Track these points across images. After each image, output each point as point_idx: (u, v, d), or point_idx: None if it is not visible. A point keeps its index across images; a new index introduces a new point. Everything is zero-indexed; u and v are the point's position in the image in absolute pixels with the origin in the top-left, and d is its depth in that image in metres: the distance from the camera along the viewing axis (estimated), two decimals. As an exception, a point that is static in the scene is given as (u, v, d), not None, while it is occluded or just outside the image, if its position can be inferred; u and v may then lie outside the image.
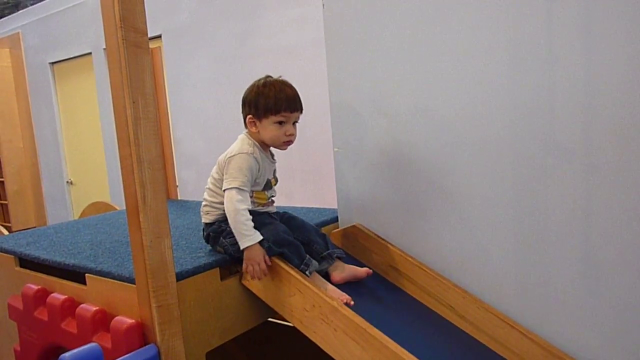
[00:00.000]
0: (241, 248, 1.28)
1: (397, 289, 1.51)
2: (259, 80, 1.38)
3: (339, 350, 1.20)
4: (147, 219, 1.13)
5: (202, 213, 1.43)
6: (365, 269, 1.42)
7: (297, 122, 1.38)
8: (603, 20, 1.18)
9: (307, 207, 1.88)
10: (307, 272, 1.29)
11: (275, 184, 1.44)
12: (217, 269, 1.32)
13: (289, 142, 1.38)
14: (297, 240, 1.36)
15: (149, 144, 1.13)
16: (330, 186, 1.74)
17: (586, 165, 1.24)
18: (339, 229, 1.63)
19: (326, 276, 1.39)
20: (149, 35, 1.11)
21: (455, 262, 1.46)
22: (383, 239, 1.56)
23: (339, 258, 1.42)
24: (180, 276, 1.23)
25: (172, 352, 1.20)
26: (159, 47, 2.19)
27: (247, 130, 1.40)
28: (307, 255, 1.32)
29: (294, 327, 1.32)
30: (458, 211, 1.44)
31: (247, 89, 1.39)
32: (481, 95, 1.36)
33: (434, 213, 1.48)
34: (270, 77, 1.38)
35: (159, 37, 3.43)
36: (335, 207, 1.71)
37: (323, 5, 1.61)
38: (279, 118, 1.33)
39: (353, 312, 1.19)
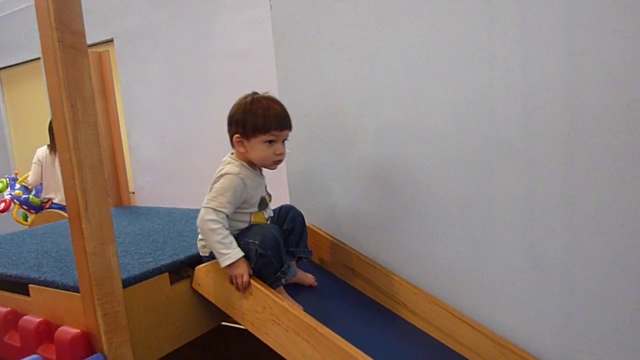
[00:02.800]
0: (222, 266, 1.24)
1: (349, 287, 1.52)
2: (245, 97, 1.33)
3: (290, 351, 1.19)
4: (89, 226, 1.10)
5: (198, 246, 1.38)
6: (311, 279, 1.45)
7: (286, 139, 1.35)
8: (539, 20, 1.22)
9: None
10: (282, 281, 1.27)
11: (270, 200, 1.41)
12: (167, 274, 1.30)
13: (279, 162, 1.34)
14: (286, 228, 1.40)
15: (90, 148, 1.10)
16: (283, 187, 1.74)
17: (526, 160, 1.28)
18: (292, 229, 1.62)
19: None
20: (100, 40, 1.08)
21: (404, 259, 1.48)
22: (336, 239, 1.57)
23: (299, 259, 1.43)
24: (127, 282, 1.21)
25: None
26: (107, 50, 2.14)
27: (232, 151, 1.37)
28: (287, 261, 1.30)
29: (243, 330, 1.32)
30: (405, 207, 1.46)
31: (233, 106, 1.34)
32: (426, 93, 1.38)
33: (382, 210, 1.50)
34: (257, 93, 1.34)
35: (111, 41, 3.36)
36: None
37: (270, 6, 1.61)
38: (268, 137, 1.29)
39: (304, 312, 1.19)
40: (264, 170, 1.39)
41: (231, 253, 1.24)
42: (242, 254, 1.24)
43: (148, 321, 1.25)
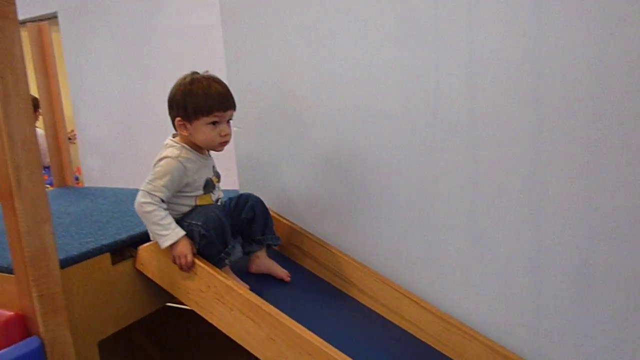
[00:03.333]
0: (161, 247, 1.22)
1: (296, 266, 1.52)
2: (184, 77, 1.28)
3: (235, 329, 1.19)
4: (22, 204, 1.06)
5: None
6: (283, 273, 1.40)
7: (231, 119, 1.30)
8: (484, 2, 1.23)
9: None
10: (225, 262, 1.25)
11: (218, 181, 1.37)
12: (108, 254, 1.27)
13: (225, 143, 1.30)
14: (243, 217, 1.36)
15: (22, 122, 1.05)
16: (232, 166, 1.71)
17: (471, 139, 1.30)
18: (241, 209, 1.61)
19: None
20: (42, 13, 1.02)
21: (353, 239, 1.49)
22: (284, 218, 1.56)
23: (268, 247, 1.42)
24: (66, 263, 1.17)
25: (58, 342, 1.14)
26: (46, 24, 2.04)
27: (173, 134, 1.33)
28: (232, 241, 1.27)
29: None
30: (353, 188, 1.47)
31: (173, 88, 1.28)
32: (373, 73, 1.38)
33: (332, 191, 1.50)
34: (197, 73, 1.29)
35: (55, 16, 3.22)
36: (237, 188, 1.68)
37: (218, -19, 1.57)
38: (211, 119, 1.25)
39: (248, 291, 1.19)
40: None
41: (170, 233, 1.21)
42: (182, 233, 1.22)
43: (89, 302, 1.22)
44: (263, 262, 1.40)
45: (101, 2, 3.05)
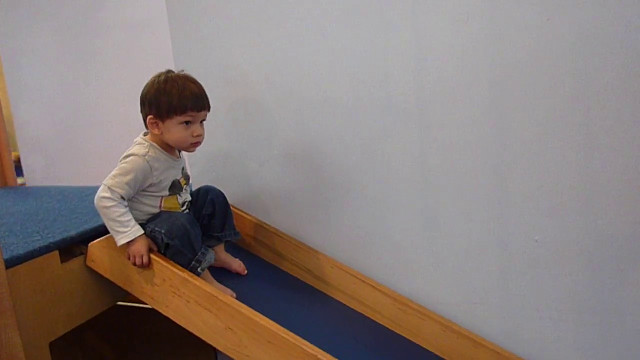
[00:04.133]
0: (118, 245, 1.18)
1: (253, 257, 1.52)
2: (159, 75, 1.24)
3: (193, 321, 1.18)
4: (-39, 202, 1.01)
5: None
6: (240, 266, 1.40)
7: (204, 120, 1.28)
8: (428, -13, 1.26)
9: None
10: (198, 270, 1.21)
11: (186, 184, 1.33)
12: (57, 252, 1.23)
13: (197, 144, 1.27)
14: (204, 213, 1.34)
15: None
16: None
17: (420, 124, 1.33)
18: (194, 202, 1.59)
19: None
20: None
21: (309, 227, 1.50)
22: (238, 209, 1.55)
23: (226, 242, 1.40)
24: (11, 262, 1.12)
25: (7, 344, 1.10)
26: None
27: (144, 132, 1.29)
28: (203, 249, 1.23)
29: (147, 308, 1.27)
30: (305, 174, 1.47)
31: (146, 85, 1.25)
32: (322, 61, 1.39)
33: (285, 180, 1.51)
34: (172, 71, 1.25)
35: (-12, 9, 3.06)
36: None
37: (162, -30, 1.53)
38: (185, 118, 1.22)
39: (204, 282, 1.17)
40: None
41: (128, 231, 1.18)
42: (141, 232, 1.19)
43: (38, 302, 1.17)
44: (220, 256, 1.39)
45: (39, -5, 2.92)
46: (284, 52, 1.43)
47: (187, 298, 1.17)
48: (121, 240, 1.18)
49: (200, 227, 1.33)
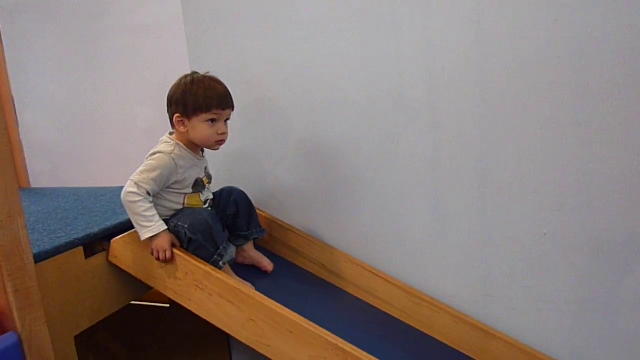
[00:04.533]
0: (141, 239, 1.22)
1: (268, 253, 1.55)
2: (185, 76, 1.30)
3: (215, 314, 1.21)
4: (-6, 198, 1.04)
5: None
6: (269, 265, 1.43)
7: (228, 119, 1.33)
8: (439, -10, 1.30)
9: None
10: (220, 264, 1.25)
11: (208, 183, 1.38)
12: (81, 247, 1.26)
13: (222, 142, 1.31)
14: (227, 213, 1.38)
15: (-9, 116, 1.04)
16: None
17: (431, 123, 1.37)
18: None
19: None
20: None
21: (323, 224, 1.54)
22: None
23: (255, 239, 1.44)
24: (40, 257, 1.15)
25: (36, 337, 1.13)
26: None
27: (170, 131, 1.34)
28: (224, 244, 1.27)
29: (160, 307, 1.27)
30: (320, 173, 1.51)
31: (173, 86, 1.30)
32: (336, 62, 1.44)
33: (297, 175, 1.55)
34: (197, 73, 1.31)
35: (-6, 14, 3.09)
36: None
37: (177, -26, 1.58)
38: (210, 116, 1.27)
39: (226, 275, 1.21)
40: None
41: (152, 226, 1.22)
42: (164, 227, 1.23)
43: (63, 297, 1.21)
44: (250, 254, 1.44)
45: (44, 0, 2.96)
46: (298, 53, 1.47)
47: (209, 291, 1.20)
48: (145, 235, 1.22)
49: (226, 228, 1.38)
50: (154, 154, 1.28)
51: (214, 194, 1.42)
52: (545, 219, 1.32)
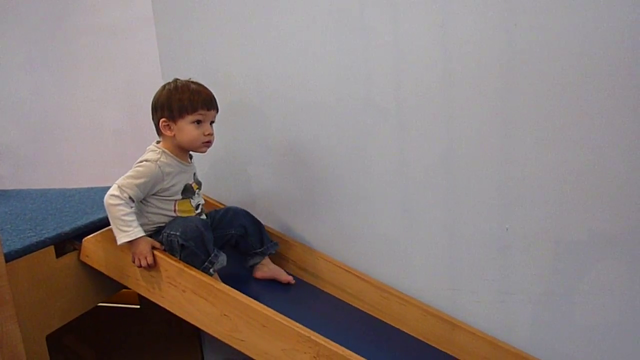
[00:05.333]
0: (118, 243, 1.21)
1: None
2: (169, 83, 1.32)
3: (189, 311, 1.22)
4: (-36, 196, 1.04)
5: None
6: (288, 277, 1.45)
7: (214, 122, 1.34)
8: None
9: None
10: (210, 271, 1.25)
11: (198, 188, 1.38)
12: (52, 247, 1.26)
13: (209, 143, 1.33)
14: (231, 233, 1.40)
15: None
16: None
17: (399, 123, 1.42)
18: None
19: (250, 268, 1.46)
20: None
21: (295, 222, 1.58)
22: (223, 205, 1.60)
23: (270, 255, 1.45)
24: (10, 257, 1.15)
25: (7, 337, 1.12)
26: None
27: (157, 140, 1.35)
28: (215, 251, 1.28)
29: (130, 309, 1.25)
30: (291, 171, 1.54)
31: (157, 93, 1.32)
32: (306, 63, 1.47)
33: (269, 172, 1.57)
34: (179, 79, 1.33)
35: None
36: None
37: (148, -25, 1.59)
38: (196, 117, 1.28)
39: (199, 271, 1.22)
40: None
41: (130, 231, 1.21)
42: (142, 233, 1.23)
43: (35, 296, 1.20)
44: (270, 267, 1.46)
45: (7, 1, 2.90)
46: (270, 54, 1.50)
47: (183, 288, 1.22)
48: (122, 239, 1.21)
49: (230, 248, 1.40)
50: (141, 161, 1.28)
51: (215, 211, 1.45)
52: (507, 215, 1.38)
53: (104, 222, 1.37)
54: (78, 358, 2.10)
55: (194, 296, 1.21)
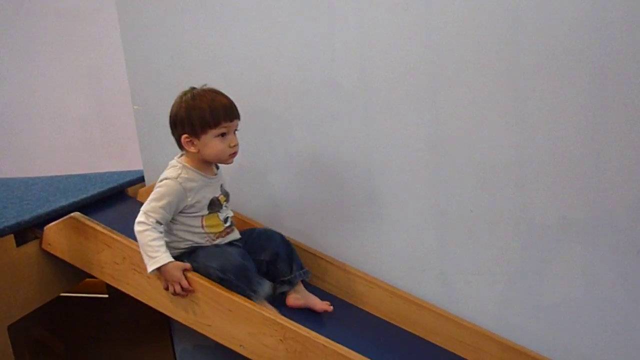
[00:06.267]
0: (148, 272, 1.16)
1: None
2: (184, 93, 1.24)
3: (155, 298, 1.22)
4: None
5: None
6: (324, 304, 1.33)
7: (237, 130, 1.27)
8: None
9: (110, 172, 1.82)
10: (253, 299, 1.19)
11: (225, 200, 1.31)
12: (12, 235, 1.23)
13: (234, 154, 1.26)
14: (262, 259, 1.32)
15: None
16: (135, 147, 1.70)
17: (364, 104, 1.42)
18: (146, 187, 1.61)
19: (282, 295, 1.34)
20: None
21: (258, 206, 1.56)
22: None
23: (302, 281, 1.37)
24: (-34, 247, 1.13)
25: (-34, 328, 1.11)
26: None
27: (179, 154, 1.28)
28: (257, 279, 1.23)
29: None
30: (252, 154, 1.52)
31: (174, 106, 1.25)
32: (271, 45, 1.46)
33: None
34: (195, 88, 1.25)
35: None
36: (141, 167, 1.68)
37: (108, -43, 1.54)
38: (220, 130, 1.21)
39: (165, 257, 1.21)
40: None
41: (158, 257, 1.15)
42: (170, 259, 1.16)
43: (-6, 286, 1.18)
44: (304, 296, 1.35)
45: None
46: (234, 37, 1.48)
47: (148, 274, 1.20)
48: (151, 267, 1.16)
49: (265, 275, 1.32)
50: (161, 180, 1.23)
51: (249, 231, 1.39)
52: (472, 197, 1.40)
53: (67, 210, 1.35)
54: (47, 350, 2.07)
55: (159, 281, 1.20)
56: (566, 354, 1.40)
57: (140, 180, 1.68)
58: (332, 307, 1.33)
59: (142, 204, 1.42)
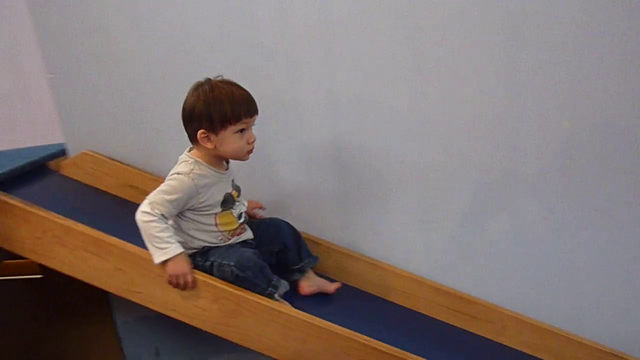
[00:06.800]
0: (155, 262, 1.11)
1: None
2: (200, 85, 1.16)
3: (81, 269, 1.19)
4: None
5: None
6: (335, 284, 1.35)
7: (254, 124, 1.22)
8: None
9: (30, 147, 1.74)
10: (275, 296, 1.17)
11: (238, 195, 1.27)
12: None
13: (251, 151, 1.21)
14: (272, 250, 1.30)
15: None
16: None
17: (287, 62, 1.41)
18: (69, 159, 1.55)
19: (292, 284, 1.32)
20: None
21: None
22: (117, 161, 1.53)
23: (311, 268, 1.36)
24: None
25: None
26: None
27: (189, 148, 1.22)
28: (275, 277, 1.20)
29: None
30: (170, 116, 1.43)
31: (189, 97, 1.17)
32: (188, 5, 1.41)
33: (151, 118, 1.51)
34: (210, 79, 1.17)
35: None
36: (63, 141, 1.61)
37: None
38: (239, 126, 1.16)
39: (87, 227, 1.18)
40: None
41: (168, 248, 1.11)
42: (181, 249, 1.12)
43: None
44: (315, 281, 1.35)
45: None
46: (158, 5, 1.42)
47: (72, 246, 1.18)
48: (160, 257, 1.11)
49: (275, 266, 1.29)
50: (173, 174, 1.17)
51: (257, 222, 1.36)
52: (399, 148, 1.43)
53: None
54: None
55: (85, 253, 1.17)
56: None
57: (62, 153, 1.60)
58: (341, 285, 1.37)
59: (66, 177, 1.39)
